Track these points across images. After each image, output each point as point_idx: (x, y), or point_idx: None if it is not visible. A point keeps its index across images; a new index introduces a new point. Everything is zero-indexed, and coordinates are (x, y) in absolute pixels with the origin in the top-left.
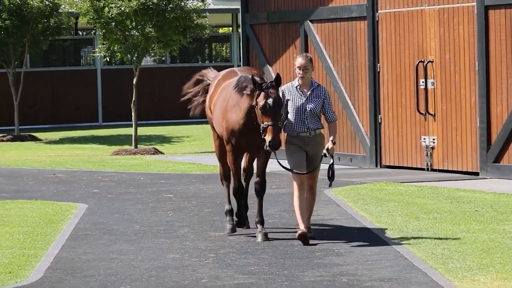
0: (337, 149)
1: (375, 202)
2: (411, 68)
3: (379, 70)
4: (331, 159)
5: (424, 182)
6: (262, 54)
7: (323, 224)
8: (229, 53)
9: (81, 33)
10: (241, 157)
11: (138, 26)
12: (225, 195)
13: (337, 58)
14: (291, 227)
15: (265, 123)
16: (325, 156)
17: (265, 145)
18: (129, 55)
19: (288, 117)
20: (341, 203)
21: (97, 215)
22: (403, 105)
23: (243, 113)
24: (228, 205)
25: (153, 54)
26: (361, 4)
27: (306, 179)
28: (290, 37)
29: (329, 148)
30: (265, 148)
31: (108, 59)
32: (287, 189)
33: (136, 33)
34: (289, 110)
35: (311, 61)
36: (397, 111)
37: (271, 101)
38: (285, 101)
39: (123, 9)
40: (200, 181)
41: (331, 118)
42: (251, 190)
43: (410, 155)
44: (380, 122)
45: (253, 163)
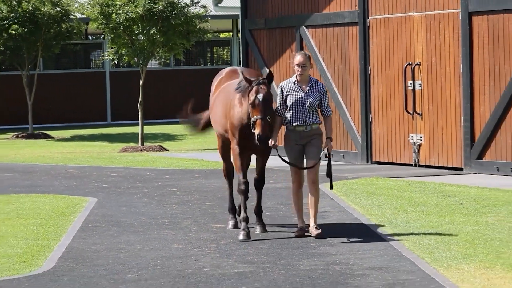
0: None
1: (366, 196)
2: (400, 70)
3: (370, 72)
4: (328, 158)
5: (412, 177)
6: (260, 57)
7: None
8: (230, 57)
9: (90, 38)
10: (246, 155)
11: (144, 31)
12: (226, 193)
13: (331, 61)
14: (288, 219)
15: (255, 116)
16: (326, 156)
17: (255, 138)
18: (135, 58)
19: (287, 111)
20: (334, 196)
21: (106, 208)
22: (392, 105)
23: (246, 113)
24: (230, 204)
25: (158, 57)
26: (353, 10)
27: (307, 173)
28: (286, 41)
29: (329, 148)
30: (255, 141)
31: (116, 62)
32: (284, 184)
33: (142, 38)
34: (288, 104)
35: (309, 58)
36: (386, 110)
37: (260, 96)
38: (284, 97)
39: (130, 15)
40: (202, 176)
41: (327, 112)
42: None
43: (398, 152)
44: (370, 121)
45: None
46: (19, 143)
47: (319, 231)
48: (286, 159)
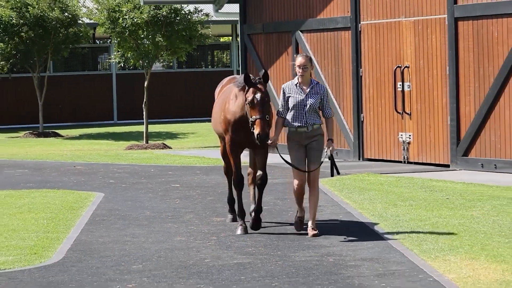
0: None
1: (358, 191)
2: (390, 72)
3: (361, 74)
4: (331, 160)
5: (401, 173)
6: (258, 60)
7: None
8: (229, 60)
9: (98, 42)
10: (240, 150)
11: (149, 35)
12: (226, 188)
13: (325, 64)
14: (284, 213)
15: (253, 116)
16: (329, 159)
17: (255, 138)
18: (141, 61)
19: (288, 112)
20: (328, 191)
21: (112, 202)
22: (383, 105)
23: (240, 107)
24: (229, 195)
25: (162, 60)
26: (346, 16)
27: (307, 176)
28: (283, 45)
29: (331, 149)
30: (255, 141)
31: (122, 65)
32: (280, 179)
33: (147, 42)
34: (290, 105)
35: (310, 60)
36: (377, 110)
37: (258, 95)
38: (286, 98)
39: (136, 20)
40: (203, 172)
41: (328, 114)
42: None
43: (389, 150)
44: (362, 120)
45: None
46: (30, 141)
47: (316, 232)
48: (287, 159)
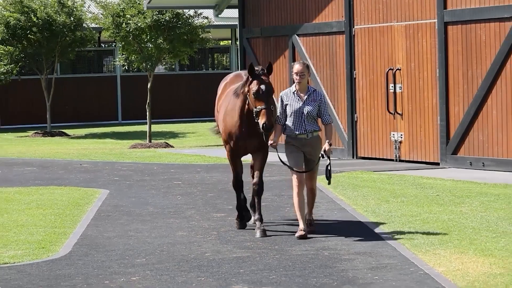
0: None
1: (352, 188)
2: (382, 74)
3: (355, 76)
4: (328, 160)
5: (393, 171)
6: (256, 62)
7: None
8: (229, 62)
9: (103, 45)
10: (240, 155)
11: (152, 39)
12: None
13: (320, 66)
14: (281, 209)
15: (258, 107)
16: (322, 157)
17: (259, 127)
18: (144, 63)
19: (287, 120)
20: (323, 189)
21: (117, 199)
22: (375, 106)
23: (238, 115)
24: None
25: (164, 63)
26: (340, 21)
27: (305, 179)
28: (280, 48)
29: (326, 149)
30: (260, 130)
31: (126, 67)
32: (277, 177)
33: (150, 45)
34: (288, 113)
35: (307, 67)
36: (370, 111)
37: (263, 86)
38: (284, 106)
39: (139, 25)
40: (204, 170)
41: (327, 120)
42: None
43: (381, 148)
44: (356, 120)
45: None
46: (38, 141)
47: (313, 228)
48: (285, 161)
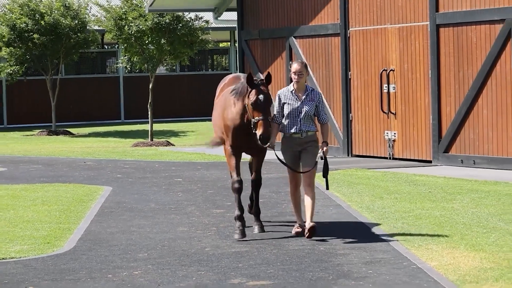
0: None
1: (347, 185)
2: (376, 75)
3: (350, 77)
4: (324, 160)
5: (387, 168)
6: (255, 64)
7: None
8: (228, 63)
9: (106, 47)
10: (239, 154)
11: (153, 41)
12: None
13: (316, 67)
14: (279, 205)
15: (256, 117)
16: (321, 158)
17: (257, 139)
18: (146, 65)
19: (283, 119)
20: (319, 185)
21: (119, 195)
22: (370, 105)
23: (238, 113)
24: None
25: (165, 64)
26: (336, 23)
27: (303, 177)
28: (277, 50)
29: (324, 150)
30: (258, 142)
31: (128, 68)
32: (275, 174)
33: (151, 47)
34: (285, 112)
35: (306, 67)
36: (364, 110)
37: (262, 97)
38: (282, 105)
39: (141, 27)
40: (204, 168)
41: (324, 120)
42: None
43: (375, 147)
44: (351, 119)
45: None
46: (43, 139)
47: (313, 224)
48: (283, 160)
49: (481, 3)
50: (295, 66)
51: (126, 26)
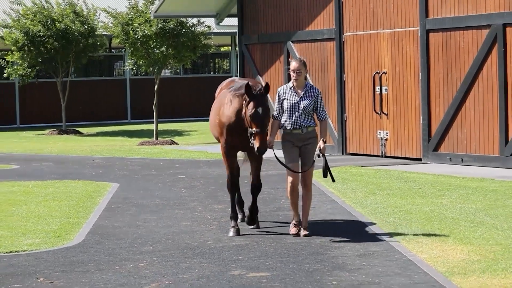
0: None
1: (342, 181)
2: (369, 78)
3: (344, 79)
4: (323, 158)
5: (379, 166)
6: (254, 67)
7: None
8: (229, 67)
9: (114, 51)
10: (234, 153)
11: (158, 45)
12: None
13: (312, 70)
14: (277, 201)
15: (254, 129)
16: (318, 156)
17: (254, 150)
18: (151, 68)
19: (283, 115)
20: (315, 182)
21: (126, 191)
22: (363, 106)
23: (235, 111)
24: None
25: (169, 67)
26: (331, 28)
27: (301, 177)
28: (276, 54)
29: (321, 147)
30: (255, 152)
31: (135, 71)
32: (274, 171)
33: (156, 51)
34: (284, 108)
35: (304, 64)
36: (358, 111)
37: (260, 109)
38: (281, 101)
39: (146, 32)
40: (206, 165)
41: (323, 116)
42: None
43: (368, 145)
44: (345, 119)
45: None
46: (54, 138)
47: (307, 233)
48: (282, 161)
49: (469, 10)
50: (293, 64)
51: (132, 31)
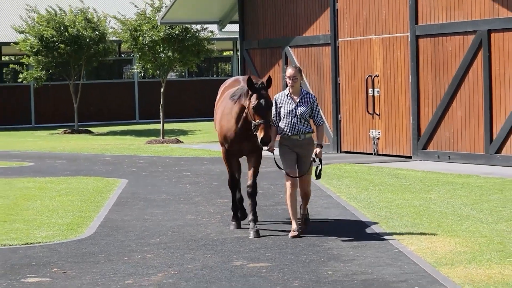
0: None
1: (336, 177)
2: (363, 80)
3: (339, 82)
4: (319, 162)
5: (372, 163)
6: (254, 70)
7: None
8: (231, 70)
9: (123, 55)
10: (235, 157)
11: (164, 50)
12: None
13: (309, 73)
14: (276, 196)
15: (257, 121)
16: (314, 161)
17: (258, 140)
18: (158, 71)
19: (280, 122)
20: (311, 178)
21: (135, 187)
22: (357, 107)
23: (234, 120)
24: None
25: (175, 70)
26: (326, 34)
27: (300, 186)
28: (275, 58)
29: (317, 152)
30: (258, 144)
31: (142, 74)
32: (273, 169)
33: (163, 55)
34: (282, 115)
35: (300, 71)
36: (352, 111)
37: (263, 101)
38: (278, 108)
39: (153, 38)
40: (210, 162)
41: (319, 122)
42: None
43: (362, 144)
44: (340, 119)
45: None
46: (66, 137)
47: (305, 227)
48: (280, 165)
49: (456, 16)
50: (289, 71)
51: (140, 37)
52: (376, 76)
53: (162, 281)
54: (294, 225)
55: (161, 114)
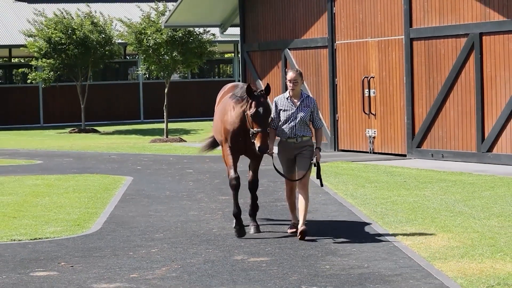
0: None
1: (334, 175)
2: (359, 81)
3: (336, 83)
4: (317, 165)
5: (368, 161)
6: (255, 72)
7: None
8: (232, 72)
9: (128, 57)
10: (236, 154)
11: (168, 52)
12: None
13: (307, 75)
14: (275, 193)
15: (255, 129)
16: (314, 165)
17: (255, 149)
18: (162, 72)
19: (280, 124)
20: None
21: (139, 184)
22: (353, 107)
23: (237, 117)
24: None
25: (178, 72)
26: (324, 37)
27: (298, 186)
28: (274, 60)
29: (316, 155)
30: (256, 151)
31: (147, 76)
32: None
33: (167, 57)
34: (281, 118)
35: (300, 75)
36: (349, 111)
37: (261, 109)
38: (278, 111)
39: (157, 40)
40: (211, 161)
41: (319, 125)
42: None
43: (358, 142)
44: (337, 119)
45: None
46: (74, 136)
47: (304, 228)
48: (280, 171)
49: (448, 20)
50: (290, 74)
51: (145, 39)
52: (372, 77)
53: (165, 275)
54: (293, 220)
55: (165, 114)
